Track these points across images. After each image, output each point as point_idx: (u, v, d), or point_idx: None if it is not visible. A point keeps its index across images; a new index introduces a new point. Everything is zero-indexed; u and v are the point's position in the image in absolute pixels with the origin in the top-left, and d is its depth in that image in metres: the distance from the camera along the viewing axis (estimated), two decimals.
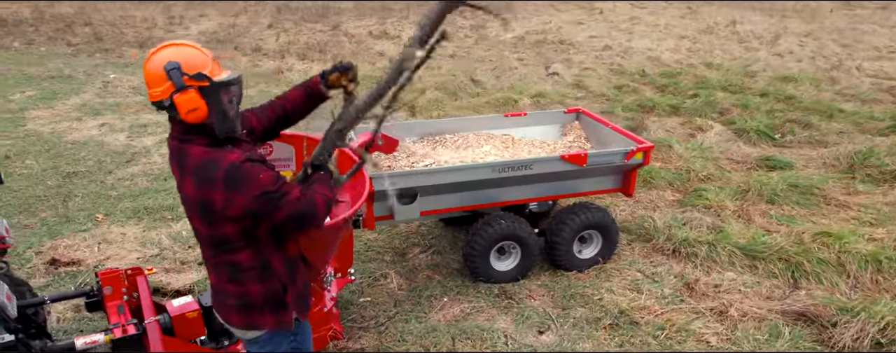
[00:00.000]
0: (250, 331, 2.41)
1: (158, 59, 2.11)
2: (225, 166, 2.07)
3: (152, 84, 2.11)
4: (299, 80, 10.82)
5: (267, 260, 2.29)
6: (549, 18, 17.69)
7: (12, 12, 19.28)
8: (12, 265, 4.77)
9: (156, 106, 2.15)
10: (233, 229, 2.17)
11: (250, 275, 2.29)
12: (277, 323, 2.39)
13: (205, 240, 2.29)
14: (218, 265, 2.33)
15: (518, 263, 4.47)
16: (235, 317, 2.39)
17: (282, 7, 20.33)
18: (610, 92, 9.57)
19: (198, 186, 2.11)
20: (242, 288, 2.32)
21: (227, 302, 2.39)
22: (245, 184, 2.07)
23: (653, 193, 5.93)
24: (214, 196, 2.08)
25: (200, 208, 2.16)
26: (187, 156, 2.15)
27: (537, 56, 12.41)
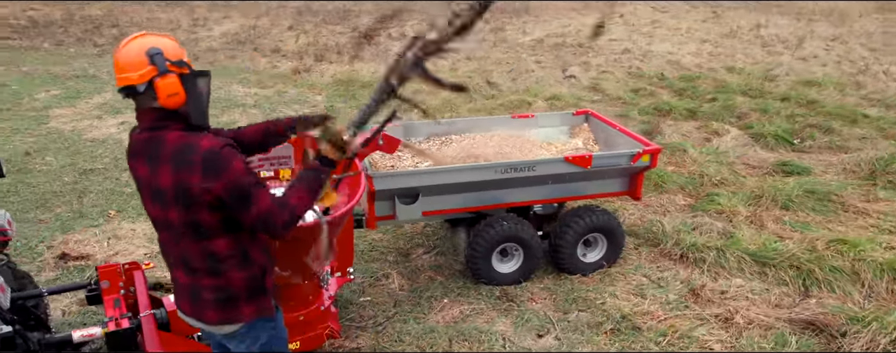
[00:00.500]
0: (226, 326, 2.36)
1: (137, 44, 2.14)
2: (203, 151, 2.10)
3: (128, 68, 2.11)
4: (316, 80, 10.90)
5: (245, 247, 2.29)
6: (568, 21, 17.57)
7: (44, 14, 19.78)
8: (23, 258, 4.88)
9: (125, 91, 2.14)
10: (209, 215, 2.17)
11: (230, 263, 2.27)
12: (258, 311, 2.38)
13: (179, 229, 2.21)
14: (191, 258, 2.26)
15: (521, 265, 4.42)
16: (211, 313, 2.33)
17: (303, 9, 20.54)
18: (626, 95, 9.46)
19: (175, 171, 2.11)
20: (222, 279, 2.27)
21: (200, 298, 2.32)
22: (220, 170, 2.09)
23: (664, 197, 5.83)
24: (192, 179, 2.09)
25: (177, 192, 2.13)
26: (162, 143, 2.15)
27: (555, 59, 12.33)
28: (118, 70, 2.14)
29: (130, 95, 2.16)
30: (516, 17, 18.37)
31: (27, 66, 12.57)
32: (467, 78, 10.73)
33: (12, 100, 10.01)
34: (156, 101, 2.12)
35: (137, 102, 2.18)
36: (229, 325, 2.38)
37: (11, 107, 9.59)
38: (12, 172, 6.84)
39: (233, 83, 10.97)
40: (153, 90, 2.10)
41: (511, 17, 18.46)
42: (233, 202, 2.14)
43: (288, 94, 10.26)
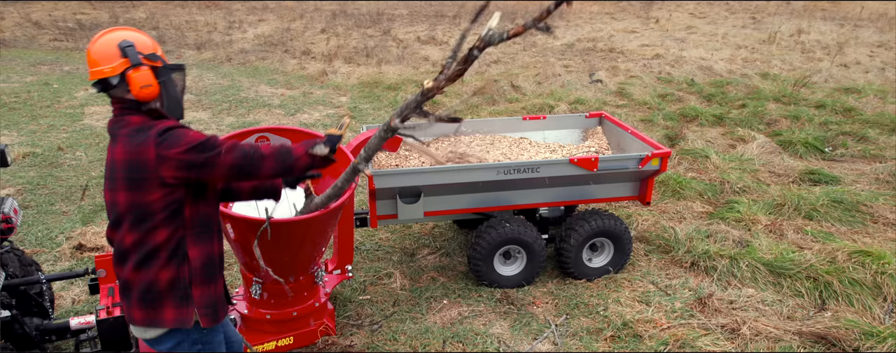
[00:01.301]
0: (150, 329, 2.28)
1: (109, 38, 2.17)
2: (159, 128, 2.12)
3: (101, 61, 2.14)
4: (342, 82, 11.00)
5: (181, 243, 2.23)
6: (602, 27, 17.37)
7: (92, 17, 20.55)
8: (43, 247, 5.04)
9: (99, 85, 2.17)
10: (159, 196, 2.13)
11: (160, 259, 2.20)
12: (176, 318, 2.25)
13: (125, 215, 2.16)
14: (128, 250, 2.21)
15: (524, 268, 4.35)
16: (137, 311, 2.25)
17: (338, 13, 20.83)
18: (653, 100, 9.27)
19: (129, 147, 2.11)
20: (148, 274, 2.21)
21: (130, 295, 2.26)
22: (176, 141, 2.10)
23: (681, 204, 5.67)
24: (147, 154, 2.09)
25: (129, 169, 2.11)
26: (124, 124, 2.16)
27: (583, 63, 12.18)
28: (91, 64, 2.16)
29: (104, 89, 2.18)
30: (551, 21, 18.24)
31: (69, 65, 13.07)
32: (493, 81, 10.69)
33: (52, 97, 10.39)
34: (128, 93, 2.15)
35: (111, 97, 2.20)
36: (152, 328, 2.28)
37: (51, 104, 9.96)
38: (44, 165, 7.10)
39: (261, 84, 11.17)
40: (126, 82, 2.13)
41: None
42: (199, 158, 2.12)
43: (314, 95, 10.39)
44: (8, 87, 11.07)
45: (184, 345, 2.32)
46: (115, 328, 2.99)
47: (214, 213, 2.35)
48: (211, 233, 2.31)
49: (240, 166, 2.21)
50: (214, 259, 2.33)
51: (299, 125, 8.59)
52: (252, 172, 2.25)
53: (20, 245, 5.10)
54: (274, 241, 3.14)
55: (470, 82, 10.78)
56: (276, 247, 3.18)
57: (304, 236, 3.17)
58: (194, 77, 11.60)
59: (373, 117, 8.97)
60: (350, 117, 2.69)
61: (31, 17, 20.22)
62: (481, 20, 2.33)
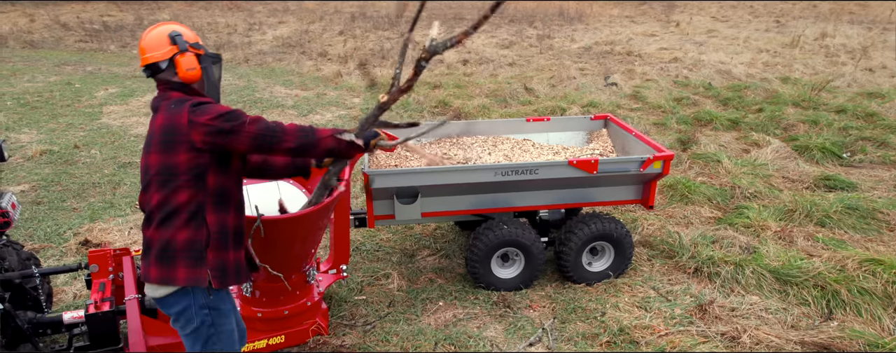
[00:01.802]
0: (162, 287, 2.43)
1: (161, 30, 2.48)
2: (195, 100, 2.41)
3: (153, 48, 2.43)
4: (356, 84, 11.06)
5: (201, 208, 2.41)
6: (621, 30, 17.21)
7: (118, 19, 20.97)
8: (50, 243, 5.12)
9: (149, 70, 2.46)
10: (185, 159, 2.34)
11: (180, 219, 2.38)
12: (188, 277, 2.40)
13: (154, 176, 2.38)
14: (153, 210, 2.40)
15: (522, 271, 4.30)
16: (154, 268, 2.41)
17: (357, 15, 20.97)
18: (667, 104, 9.13)
19: (168, 113, 2.37)
20: (167, 233, 2.39)
21: (149, 253, 2.43)
22: (207, 110, 2.35)
23: (689, 208, 5.56)
24: (181, 118, 2.33)
25: (164, 132, 2.35)
26: (166, 98, 2.44)
27: (599, 66, 12.07)
28: (143, 52, 2.46)
29: (153, 74, 2.47)
30: (567, 25, 18.14)
31: (92, 66, 13.34)
32: (506, 84, 10.64)
33: (73, 97, 10.61)
34: (176, 75, 2.45)
35: (158, 80, 2.49)
36: (165, 286, 2.43)
37: (71, 103, 10.17)
38: (59, 163, 7.23)
39: (276, 85, 11.27)
40: (174, 66, 2.43)
41: (561, 25, 18.25)
42: (225, 124, 2.33)
43: (327, 96, 10.45)
44: (32, 86, 11.33)
45: (192, 309, 2.46)
46: (104, 322, 3.01)
47: (234, 188, 2.54)
48: (228, 205, 2.49)
49: (263, 136, 2.39)
50: (228, 230, 2.49)
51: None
52: (273, 144, 2.42)
53: (29, 241, 5.20)
54: (264, 239, 3.15)
55: (484, 85, 10.75)
56: (267, 245, 3.18)
57: (293, 233, 3.16)
58: None
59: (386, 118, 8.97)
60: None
61: (60, 19, 20.69)
62: (423, 28, 2.36)
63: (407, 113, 9.15)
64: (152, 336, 3.26)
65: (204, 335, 2.51)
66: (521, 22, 18.88)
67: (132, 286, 3.26)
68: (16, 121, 8.99)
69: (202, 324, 2.49)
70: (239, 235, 2.58)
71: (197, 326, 2.49)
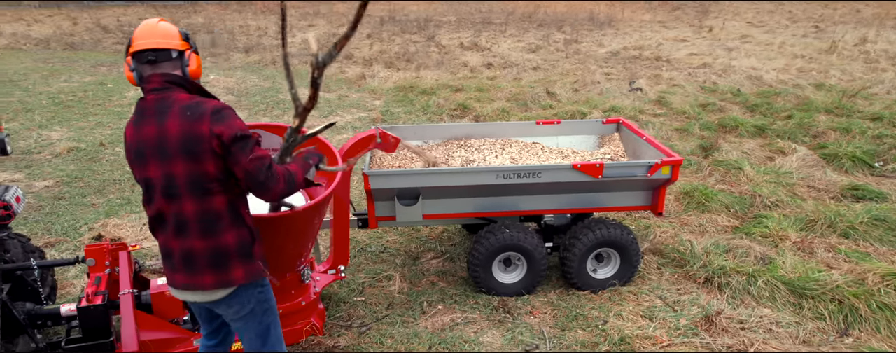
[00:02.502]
0: (220, 290, 2.44)
1: (170, 24, 2.48)
2: (212, 106, 2.32)
3: (170, 37, 2.40)
4: (379, 86, 11.12)
5: (238, 208, 2.43)
6: (651, 35, 16.92)
7: None
8: (65, 237, 5.23)
9: (155, 53, 2.34)
10: (213, 166, 2.31)
11: (224, 223, 2.38)
12: (248, 274, 2.45)
13: (183, 185, 2.30)
14: (188, 220, 2.34)
15: (524, 276, 4.21)
16: (209, 277, 2.40)
17: (386, 19, 21.11)
18: (692, 110, 8.91)
19: (184, 121, 2.27)
20: (215, 240, 2.37)
21: (196, 263, 2.39)
22: (228, 122, 2.30)
23: (705, 217, 5.39)
24: (202, 128, 2.26)
25: (185, 142, 2.27)
26: (172, 101, 2.32)
27: (625, 71, 11.87)
28: (153, 36, 2.37)
29: (155, 59, 2.35)
30: (596, 30, 17.92)
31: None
32: (529, 88, 10.54)
33: (105, 96, 10.91)
34: (181, 69, 2.41)
35: (155, 68, 2.36)
36: (223, 289, 2.44)
37: (102, 102, 10.46)
38: (84, 160, 7.42)
39: (300, 87, 11.35)
40: (184, 60, 2.42)
41: (590, 29, 18.04)
42: (234, 148, 2.29)
43: (349, 98, 10.50)
44: (68, 86, 11.70)
45: (243, 295, 2.50)
46: (95, 316, 3.04)
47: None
48: (247, 200, 2.54)
49: (254, 176, 2.34)
50: (254, 221, 2.55)
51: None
52: (264, 187, 2.38)
53: (46, 235, 5.33)
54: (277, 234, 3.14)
55: (507, 88, 10.67)
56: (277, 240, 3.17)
57: (286, 231, 3.15)
58: (238, 79, 11.95)
59: (404, 121, 8.99)
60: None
61: (101, 21, 21.36)
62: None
63: (426, 116, 9.13)
64: (145, 332, 3.29)
65: (258, 313, 2.57)
66: (549, 26, 18.74)
67: (127, 281, 3.29)
68: (49, 119, 9.28)
69: (257, 303, 2.55)
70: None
71: (252, 307, 2.54)
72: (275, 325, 2.65)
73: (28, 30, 18.91)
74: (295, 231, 3.22)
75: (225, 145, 2.28)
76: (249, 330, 2.59)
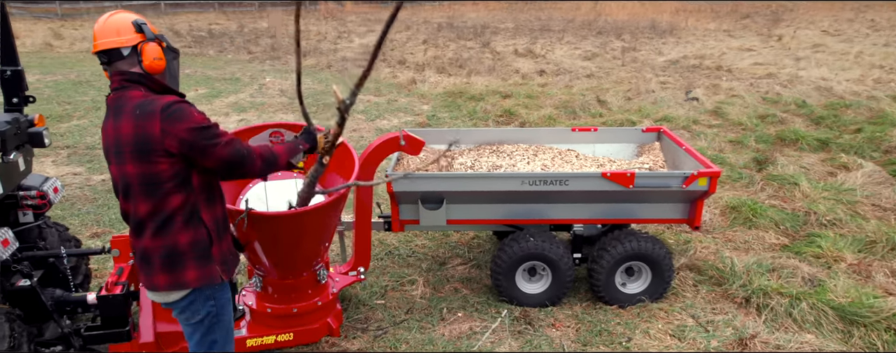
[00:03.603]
0: (174, 292, 2.41)
1: (123, 17, 2.34)
2: (163, 103, 2.23)
3: (115, 33, 2.29)
4: (428, 91, 11.16)
5: (195, 209, 2.36)
6: (715, 44, 16.29)
7: (223, 27, 22.43)
8: (111, 228, 5.44)
9: (105, 55, 2.30)
10: (167, 166, 2.25)
11: (177, 223, 2.32)
12: (202, 277, 2.40)
13: (136, 186, 2.27)
14: (144, 220, 2.32)
15: (549, 287, 4.07)
16: (161, 277, 2.37)
17: (444, 25, 21.21)
18: (750, 121, 8.48)
19: (136, 121, 2.21)
20: (168, 240, 2.33)
21: (151, 262, 2.36)
22: (180, 118, 2.21)
23: (751, 233, 5.08)
24: (152, 128, 2.20)
25: (137, 142, 2.21)
26: (127, 100, 2.27)
27: (682, 80, 11.45)
28: (102, 36, 2.30)
29: (109, 60, 2.31)
30: (657, 38, 17.41)
31: (190, 69, 14.30)
32: (579, 95, 10.32)
33: None
34: (138, 65, 2.31)
35: (115, 70, 2.32)
36: (177, 291, 2.41)
37: None
38: None
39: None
40: (138, 54, 2.30)
41: (650, 37, 17.54)
42: (199, 141, 2.23)
43: (397, 102, 10.57)
44: None
45: (198, 302, 2.47)
46: (114, 305, 3.13)
47: (214, 179, 2.49)
48: (215, 198, 2.48)
49: (231, 163, 2.33)
50: (219, 221, 2.50)
51: (375, 131, 8.75)
52: (244, 170, 2.40)
53: (94, 225, 5.57)
54: (272, 235, 3.17)
55: (557, 95, 10.48)
56: (274, 241, 3.19)
57: (300, 230, 3.16)
58: (293, 81, 12.23)
59: (449, 125, 8.96)
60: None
61: (175, 26, 22.40)
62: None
63: (471, 121, 9.07)
64: (164, 323, 3.36)
65: (206, 325, 2.54)
66: (608, 34, 18.34)
67: None
68: None
69: (207, 315, 2.51)
70: (226, 221, 2.60)
71: (202, 317, 2.51)
72: (223, 342, 2.59)
73: None
74: (308, 230, 3.21)
75: (187, 142, 2.21)
76: (195, 340, 2.55)
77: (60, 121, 9.35)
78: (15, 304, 3.13)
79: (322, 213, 3.12)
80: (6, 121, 3.10)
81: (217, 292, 2.52)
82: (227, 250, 2.55)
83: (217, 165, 2.31)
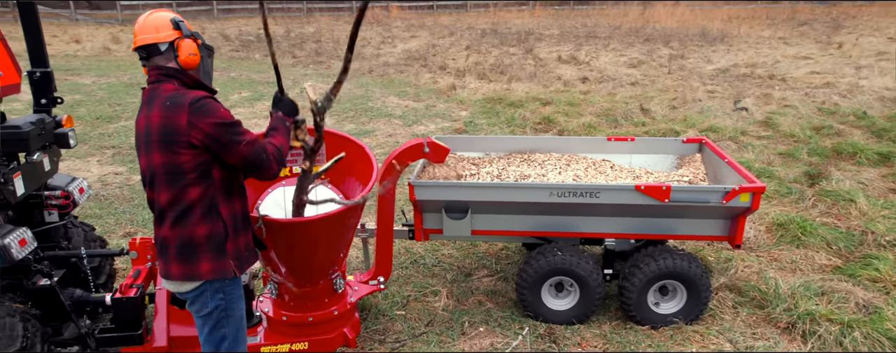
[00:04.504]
0: (187, 282, 2.46)
1: (162, 15, 2.45)
2: (191, 97, 2.31)
3: (154, 30, 2.39)
4: (467, 97, 11.05)
5: (214, 202, 2.41)
6: (769, 51, 15.64)
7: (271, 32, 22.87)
8: (144, 228, 5.50)
9: (144, 51, 2.41)
10: (189, 158, 2.31)
11: (195, 215, 2.38)
12: (215, 270, 2.44)
13: (160, 175, 2.34)
14: (165, 209, 2.39)
15: (577, 303, 3.88)
16: (175, 266, 2.43)
17: (488, 31, 21.09)
18: (803, 133, 8.03)
19: (165, 111, 2.30)
20: (185, 230, 2.39)
21: (168, 251, 2.43)
22: (207, 113, 2.29)
23: (800, 252, 4.76)
24: (180, 119, 2.27)
25: (163, 132, 2.29)
26: (159, 93, 2.36)
27: (731, 89, 10.99)
28: (142, 32, 2.41)
29: (148, 55, 2.41)
30: (707, 46, 16.85)
31: (236, 72, 14.60)
32: (622, 104, 10.03)
33: None
34: (174, 60, 2.41)
35: (152, 65, 2.43)
36: (190, 282, 2.46)
37: None
38: None
39: (390, 95, 11.54)
40: (174, 50, 2.41)
41: (700, 45, 16.98)
42: (223, 137, 2.30)
43: (436, 108, 10.49)
44: None
45: (207, 294, 2.50)
46: (127, 307, 3.11)
47: (235, 176, 2.53)
48: (234, 193, 2.51)
49: (251, 162, 2.38)
50: (238, 217, 2.53)
51: (411, 136, 8.69)
52: (261, 171, 2.43)
53: (128, 225, 5.66)
54: (287, 242, 3.10)
55: (598, 103, 10.21)
56: (288, 248, 3.12)
57: (314, 238, 3.08)
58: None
59: (486, 132, 8.82)
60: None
61: (225, 31, 22.99)
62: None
63: (509, 129, 8.91)
64: (178, 326, 3.33)
65: (214, 319, 2.57)
66: (656, 41, 17.87)
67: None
68: None
69: (216, 308, 2.55)
70: (246, 218, 2.61)
71: (210, 310, 2.54)
72: (234, 339, 2.61)
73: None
74: (322, 238, 3.13)
75: (211, 136, 2.28)
76: (206, 332, 2.59)
77: (109, 122, 9.64)
78: (35, 303, 3.15)
79: (335, 221, 3.03)
80: (30, 122, 3.13)
81: (228, 287, 2.54)
82: (244, 246, 2.57)
83: (237, 161, 2.36)
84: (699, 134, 8.05)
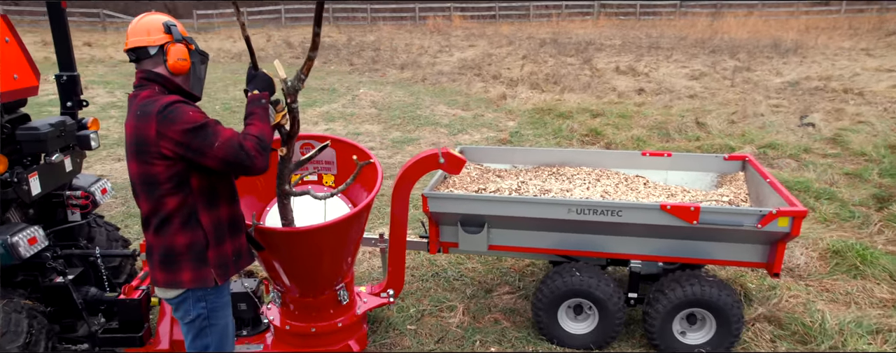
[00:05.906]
0: (170, 289, 2.45)
1: (154, 18, 2.41)
2: (160, 105, 2.25)
3: (145, 33, 2.36)
4: (516, 107, 10.88)
5: (193, 210, 2.36)
6: (847, 64, 14.65)
7: (333, 39, 23.40)
8: None
9: (133, 54, 2.37)
10: (163, 168, 2.26)
11: (174, 224, 2.35)
12: (196, 279, 2.41)
13: (138, 185, 2.35)
14: (147, 217, 2.38)
15: (595, 328, 3.66)
16: (159, 273, 2.43)
17: (548, 41, 20.80)
18: (876, 152, 7.40)
19: (136, 121, 2.26)
20: (165, 239, 2.37)
21: (152, 258, 2.43)
22: (175, 119, 2.21)
23: (856, 284, 4.33)
24: (149, 129, 2.23)
25: (136, 143, 2.27)
26: (137, 99, 2.33)
27: (798, 103, 10.33)
28: (133, 34, 2.37)
29: (137, 59, 2.38)
30: (777, 58, 15.97)
31: None
32: (678, 117, 9.59)
33: None
34: (162, 64, 2.36)
35: (140, 68, 2.39)
36: (172, 289, 2.45)
37: None
38: None
39: (440, 104, 11.50)
40: (164, 54, 2.36)
41: (770, 57, 16.11)
42: (193, 142, 2.22)
43: (484, 117, 10.36)
44: (240, 95, 12.99)
45: (188, 303, 2.48)
46: (130, 308, 3.14)
47: (220, 181, 2.46)
48: (217, 200, 2.45)
49: (230, 162, 2.28)
50: (223, 224, 2.47)
51: (455, 145, 8.58)
52: (244, 167, 2.32)
53: None
54: (290, 251, 3.05)
55: (652, 116, 9.80)
56: (289, 258, 3.08)
57: (314, 248, 3.02)
58: (386, 93, 12.39)
59: (531, 143, 8.61)
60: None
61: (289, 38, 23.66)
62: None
63: (555, 140, 8.67)
64: (179, 329, 3.33)
65: (197, 327, 2.55)
66: (722, 52, 17.09)
67: None
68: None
69: (198, 317, 2.52)
70: (234, 223, 2.55)
71: (193, 318, 2.53)
72: (219, 348, 2.57)
73: (232, 46, 21.51)
74: (326, 248, 3.06)
75: (181, 144, 2.22)
76: (189, 339, 2.57)
77: None
78: (48, 300, 3.23)
79: (336, 231, 2.96)
80: (50, 124, 3.23)
81: (210, 295, 2.50)
82: (231, 251, 2.52)
83: (215, 164, 2.28)
84: (757, 151, 7.58)
